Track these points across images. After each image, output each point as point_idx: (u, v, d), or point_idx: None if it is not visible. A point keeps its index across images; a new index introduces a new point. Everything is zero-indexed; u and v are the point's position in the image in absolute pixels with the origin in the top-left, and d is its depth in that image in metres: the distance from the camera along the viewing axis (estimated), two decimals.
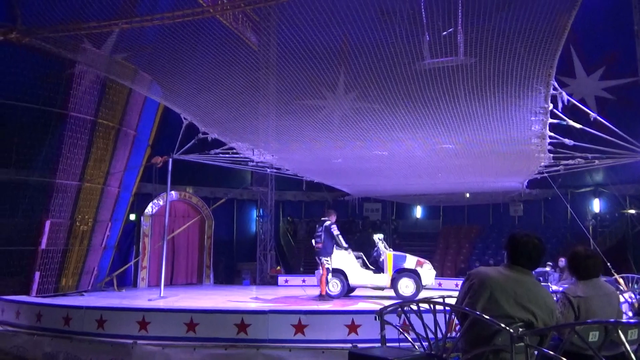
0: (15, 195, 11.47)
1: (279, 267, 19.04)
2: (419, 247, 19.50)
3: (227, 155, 12.04)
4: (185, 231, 16.90)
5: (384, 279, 11.20)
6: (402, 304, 4.07)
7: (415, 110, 7.98)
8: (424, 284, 11.05)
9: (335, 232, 11.13)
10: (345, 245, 11.23)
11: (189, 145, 11.70)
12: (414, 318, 3.83)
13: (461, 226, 22.06)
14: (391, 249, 11.76)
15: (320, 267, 11.12)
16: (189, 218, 17.27)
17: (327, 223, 11.17)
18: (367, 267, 11.42)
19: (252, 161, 12.45)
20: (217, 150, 11.96)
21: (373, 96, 7.66)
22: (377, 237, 11.76)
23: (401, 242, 21.13)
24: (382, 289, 11.30)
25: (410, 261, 11.29)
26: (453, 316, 3.41)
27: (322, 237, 11.07)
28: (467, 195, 17.32)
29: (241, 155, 12.05)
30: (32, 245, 11.70)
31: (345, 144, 10.20)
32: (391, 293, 11.30)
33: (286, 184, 20.62)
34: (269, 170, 13.77)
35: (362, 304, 10.27)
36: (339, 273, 11.21)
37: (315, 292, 13.35)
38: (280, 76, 7.47)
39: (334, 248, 11.29)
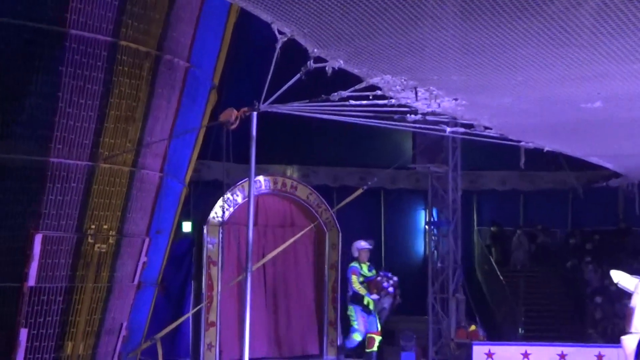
0: None
1: (473, 327, 18.82)
2: None
3: (362, 103, 11.93)
4: (287, 254, 17.26)
5: None
6: None
7: None
8: None
9: None
10: None
11: (289, 84, 11.73)
12: None
13: None
14: None
15: None
16: (292, 228, 17.64)
17: None
18: None
19: (415, 113, 12.24)
20: (344, 94, 11.85)
21: None
22: None
23: None
24: None
25: None
26: None
27: None
28: None
29: (392, 101, 11.88)
30: (12, 281, 12.50)
31: (607, 70, 9.59)
32: None
33: (484, 158, 20.29)
34: (448, 130, 13.50)
35: None
36: None
37: None
38: None
39: None
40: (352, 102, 11.93)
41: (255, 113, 12.09)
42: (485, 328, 19.52)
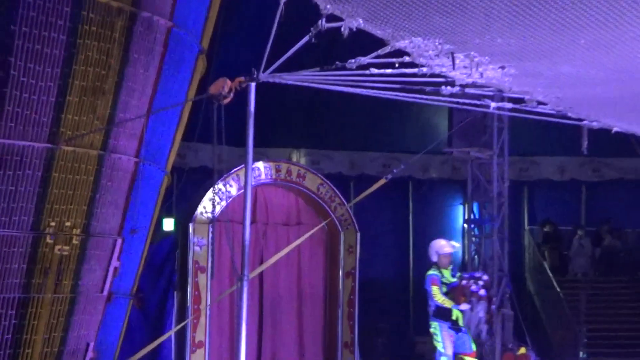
0: None
1: (523, 350, 18.87)
2: None
3: (386, 72, 11.88)
4: (291, 259, 17.34)
5: None
6: None
7: None
8: None
9: None
10: None
11: (296, 48, 11.70)
12: None
13: None
14: None
15: None
16: (299, 227, 17.74)
17: None
18: None
19: (452, 84, 12.19)
20: (364, 60, 11.83)
21: None
22: None
23: None
24: None
25: None
26: None
27: None
28: None
29: (423, 69, 11.84)
30: None
31: None
32: None
33: (538, 141, 20.26)
34: (493, 105, 13.44)
35: None
36: None
37: None
38: None
39: None
40: (374, 70, 11.88)
41: (253, 84, 12.05)
42: (538, 351, 19.53)
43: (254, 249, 16.06)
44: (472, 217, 20.63)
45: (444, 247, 15.87)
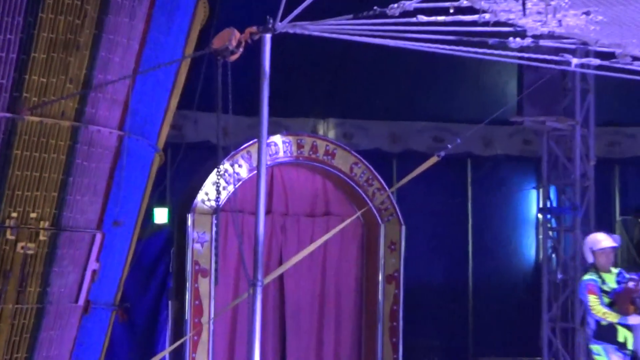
0: None
1: None
2: None
3: (437, 21, 11.86)
4: (317, 258, 17.43)
5: None
6: None
7: None
8: None
9: None
10: None
11: None
12: None
13: None
14: None
15: None
16: (327, 218, 17.88)
17: None
18: None
19: (522, 36, 12.16)
20: (410, 5, 11.82)
21: None
22: None
23: None
24: None
25: None
26: None
27: None
28: None
29: (485, 17, 11.82)
30: None
31: None
32: None
33: (633, 108, 20.16)
34: (574, 62, 13.42)
35: None
36: None
37: None
38: None
39: None
40: (422, 18, 11.88)
41: (268, 36, 12.06)
42: None
43: (269, 247, 16.14)
44: (548, 204, 20.54)
45: (600, 241, 14.78)
